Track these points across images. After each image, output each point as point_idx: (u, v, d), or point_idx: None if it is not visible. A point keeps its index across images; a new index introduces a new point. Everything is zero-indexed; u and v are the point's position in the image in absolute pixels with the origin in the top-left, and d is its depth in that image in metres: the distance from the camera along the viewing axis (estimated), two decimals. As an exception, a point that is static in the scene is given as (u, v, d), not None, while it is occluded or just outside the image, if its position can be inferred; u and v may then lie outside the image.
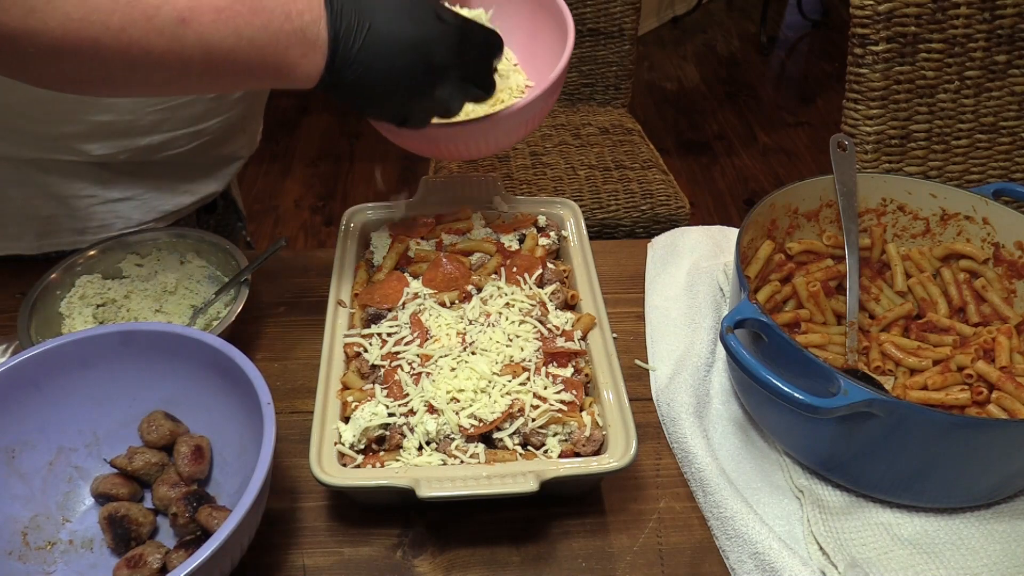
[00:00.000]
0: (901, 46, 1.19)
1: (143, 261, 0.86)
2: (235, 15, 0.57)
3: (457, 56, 0.65)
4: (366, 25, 0.61)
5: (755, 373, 0.60)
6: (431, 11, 0.64)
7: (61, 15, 0.52)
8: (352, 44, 0.61)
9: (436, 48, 0.63)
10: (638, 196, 1.75)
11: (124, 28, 0.54)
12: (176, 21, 0.55)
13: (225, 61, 0.58)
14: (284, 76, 0.61)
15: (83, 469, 0.67)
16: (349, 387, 0.69)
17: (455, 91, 0.67)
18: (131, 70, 0.56)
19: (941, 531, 0.64)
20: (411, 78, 0.63)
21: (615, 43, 1.97)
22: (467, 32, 0.66)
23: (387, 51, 0.62)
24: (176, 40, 0.55)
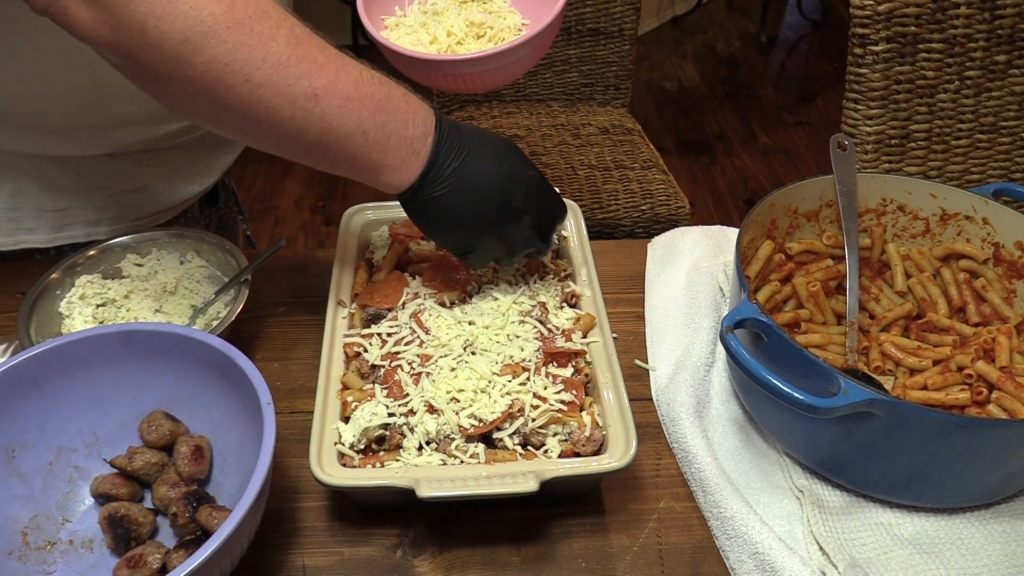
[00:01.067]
0: (901, 46, 1.19)
1: (143, 261, 0.86)
2: (361, 107, 0.60)
3: (533, 204, 0.69)
4: (464, 152, 0.65)
5: (755, 373, 0.60)
6: (521, 158, 0.69)
7: (210, 55, 0.55)
8: (447, 164, 0.65)
9: (517, 191, 0.67)
10: (638, 196, 1.75)
11: (261, 86, 0.56)
12: (309, 96, 0.58)
13: (336, 144, 0.61)
14: (380, 174, 0.64)
15: (83, 469, 0.67)
16: (349, 387, 0.69)
17: (522, 237, 0.70)
18: (248, 121, 0.59)
19: (941, 531, 0.64)
20: (488, 210, 0.67)
21: (615, 43, 1.97)
22: (545, 187, 0.71)
23: (475, 179, 0.65)
24: (302, 112, 0.58)
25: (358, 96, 0.60)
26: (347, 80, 0.60)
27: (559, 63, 2.02)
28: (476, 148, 0.66)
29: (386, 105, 0.62)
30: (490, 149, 0.67)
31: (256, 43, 0.56)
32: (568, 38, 1.97)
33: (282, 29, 0.57)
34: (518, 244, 0.71)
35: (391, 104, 0.62)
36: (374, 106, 0.61)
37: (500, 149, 0.68)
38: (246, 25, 0.55)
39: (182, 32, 0.54)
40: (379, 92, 0.62)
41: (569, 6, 1.93)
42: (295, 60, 0.57)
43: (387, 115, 0.62)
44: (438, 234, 0.70)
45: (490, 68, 0.80)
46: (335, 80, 0.59)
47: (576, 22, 1.94)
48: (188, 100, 0.58)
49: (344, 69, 0.60)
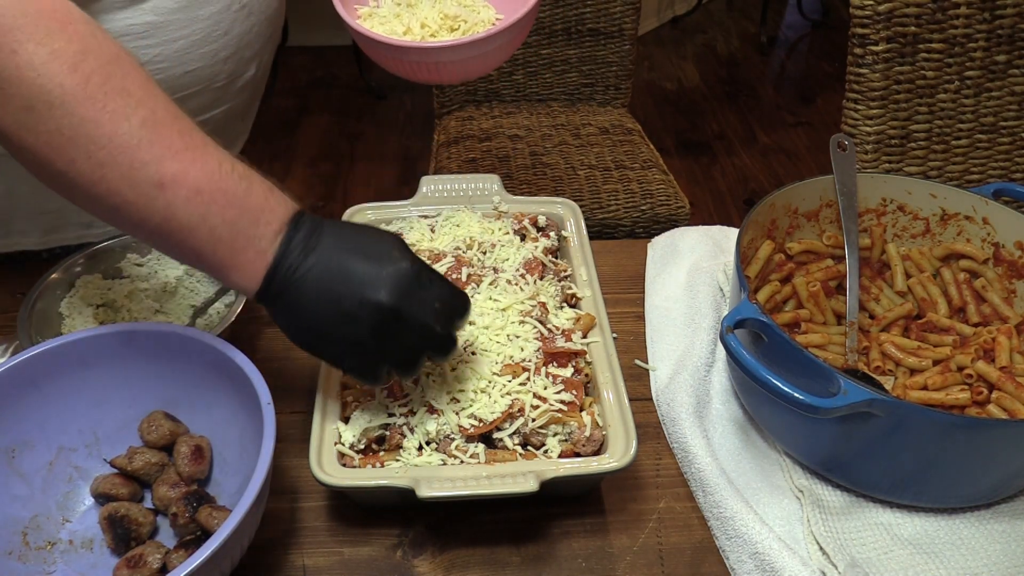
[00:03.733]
0: (901, 46, 1.19)
1: (143, 261, 0.86)
2: (211, 201, 0.55)
3: (406, 300, 0.57)
4: (314, 243, 0.58)
5: (755, 373, 0.60)
6: (394, 248, 0.59)
7: (54, 126, 0.52)
8: (293, 260, 0.57)
9: (381, 284, 0.57)
10: (638, 196, 1.75)
11: (104, 165, 0.53)
12: (155, 183, 0.54)
13: (179, 236, 0.56)
14: (227, 273, 0.58)
15: (83, 469, 0.67)
16: (349, 387, 0.69)
17: (402, 343, 0.59)
18: (89, 199, 0.55)
19: (941, 531, 0.64)
20: (345, 308, 0.57)
21: (615, 43, 1.97)
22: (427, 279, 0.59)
23: (323, 272, 0.57)
24: (144, 199, 0.54)
25: (209, 189, 0.55)
26: (201, 171, 0.55)
27: (559, 63, 2.02)
28: (330, 240, 0.58)
29: (242, 202, 0.56)
30: (350, 240, 0.59)
31: (106, 120, 0.52)
32: (568, 38, 1.97)
33: (141, 109, 0.54)
34: (403, 349, 0.59)
35: (248, 201, 0.57)
36: (225, 201, 0.56)
37: (365, 240, 0.60)
38: (99, 101, 0.52)
39: (26, 99, 0.51)
40: (236, 187, 0.56)
41: (569, 6, 1.93)
42: (147, 143, 0.53)
43: (239, 212, 0.56)
44: (302, 342, 0.61)
45: (465, 57, 0.80)
46: (187, 169, 0.55)
47: (576, 22, 1.95)
48: (36, 166, 0.55)
49: (202, 159, 0.55)
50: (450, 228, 0.85)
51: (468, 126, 1.96)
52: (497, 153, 1.85)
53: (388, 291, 0.57)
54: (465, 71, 0.83)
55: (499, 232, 0.84)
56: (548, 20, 1.94)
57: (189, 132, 0.56)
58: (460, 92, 2.04)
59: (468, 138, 1.92)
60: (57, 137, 0.52)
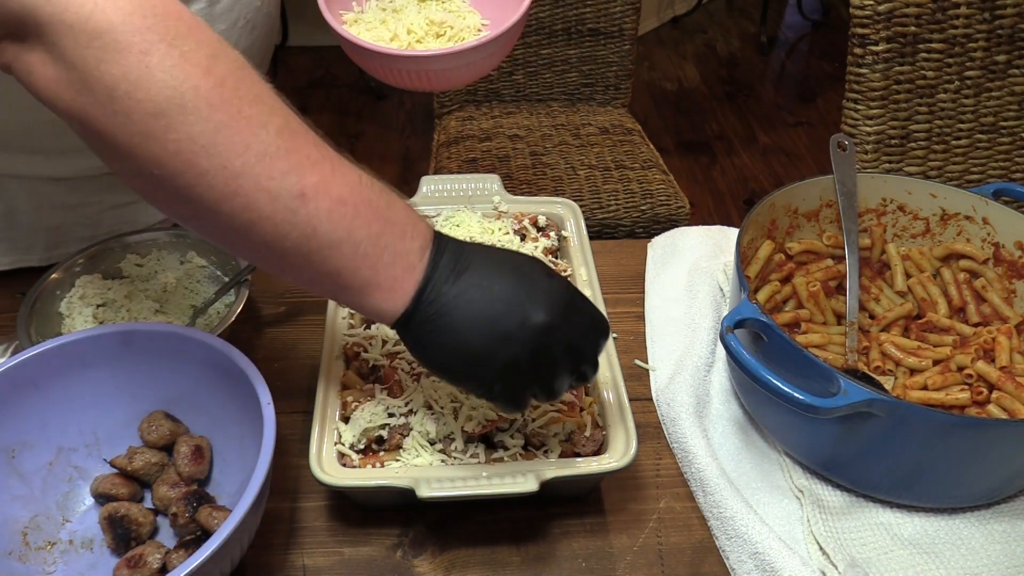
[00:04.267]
0: (901, 46, 1.19)
1: (143, 261, 0.86)
2: (356, 214, 0.52)
3: (562, 319, 0.55)
4: (464, 265, 0.54)
5: (755, 373, 0.60)
6: (542, 268, 0.57)
7: (186, 133, 0.47)
8: (445, 279, 0.54)
9: (538, 304, 0.54)
10: (638, 196, 1.75)
11: (240, 175, 0.49)
12: (295, 194, 0.50)
13: (320, 254, 0.52)
14: (369, 294, 0.54)
15: (83, 469, 0.67)
16: (349, 387, 0.69)
17: (556, 360, 0.56)
18: (219, 216, 0.50)
19: (941, 531, 0.64)
20: (500, 329, 0.53)
21: (615, 43, 1.97)
22: (576, 299, 0.57)
23: (480, 292, 0.54)
24: (284, 212, 0.50)
25: (353, 201, 0.52)
26: (343, 182, 0.52)
27: (559, 63, 2.02)
28: (480, 259, 0.55)
29: (385, 215, 0.53)
30: (499, 259, 0.56)
31: (243, 127, 0.48)
32: (568, 38, 1.97)
33: (275, 117, 0.50)
34: (556, 371, 0.56)
35: (392, 214, 0.54)
36: (370, 214, 0.52)
37: (512, 259, 0.57)
38: (234, 106, 0.48)
39: (157, 104, 0.46)
40: (379, 200, 0.53)
41: (569, 6, 1.93)
42: (285, 152, 0.49)
43: (384, 225, 0.53)
44: (445, 369, 0.57)
45: (455, 66, 0.79)
46: (329, 180, 0.51)
47: (576, 22, 1.95)
48: (155, 184, 0.49)
49: (340, 170, 0.52)
50: (450, 228, 0.85)
51: (468, 126, 1.96)
52: (497, 153, 1.85)
53: (548, 311, 0.54)
54: (454, 79, 0.82)
55: (499, 232, 0.84)
56: (548, 20, 1.94)
57: (322, 144, 0.53)
58: (460, 92, 2.04)
59: (468, 138, 1.92)
60: (189, 146, 0.47)
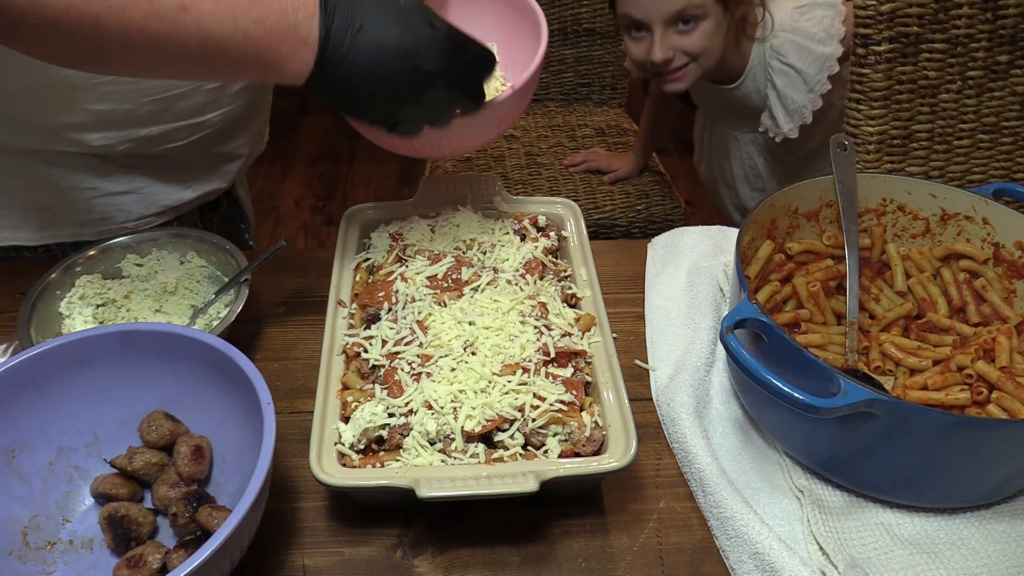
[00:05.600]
0: (903, 46, 1.18)
1: (143, 261, 0.86)
2: (234, 6, 0.58)
3: (447, 64, 0.65)
4: (357, 25, 0.62)
5: (755, 373, 0.60)
6: (424, 18, 0.65)
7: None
8: (342, 44, 0.62)
9: (425, 53, 0.64)
10: (633, 196, 1.75)
11: (126, 8, 0.55)
12: (176, 7, 0.56)
13: (219, 50, 0.59)
14: (275, 70, 0.62)
15: (83, 469, 0.67)
16: (349, 387, 0.69)
17: (444, 99, 0.67)
18: (127, 50, 0.57)
19: (941, 531, 0.64)
20: (399, 81, 0.64)
21: (611, 43, 1.97)
22: (458, 42, 0.67)
23: (376, 52, 0.62)
24: (174, 25, 0.57)
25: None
26: None
27: (555, 63, 2.02)
28: (371, 18, 0.63)
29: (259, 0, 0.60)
30: (388, 15, 0.63)
31: None
32: (564, 38, 1.97)
33: None
34: (443, 105, 0.68)
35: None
36: (246, 3, 0.59)
37: (400, 13, 0.64)
38: None
39: None
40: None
41: (564, 6, 1.93)
42: None
43: (263, 8, 0.60)
44: (355, 112, 0.68)
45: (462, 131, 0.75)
46: None
47: (572, 22, 1.95)
48: (66, 46, 0.57)
49: None
50: (450, 228, 0.85)
51: (467, 126, 1.96)
52: (492, 153, 1.85)
53: (434, 59, 0.64)
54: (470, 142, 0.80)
55: (499, 232, 0.84)
56: (546, 20, 1.94)
57: None
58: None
59: (466, 138, 1.91)
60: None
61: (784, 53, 1.32)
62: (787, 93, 1.34)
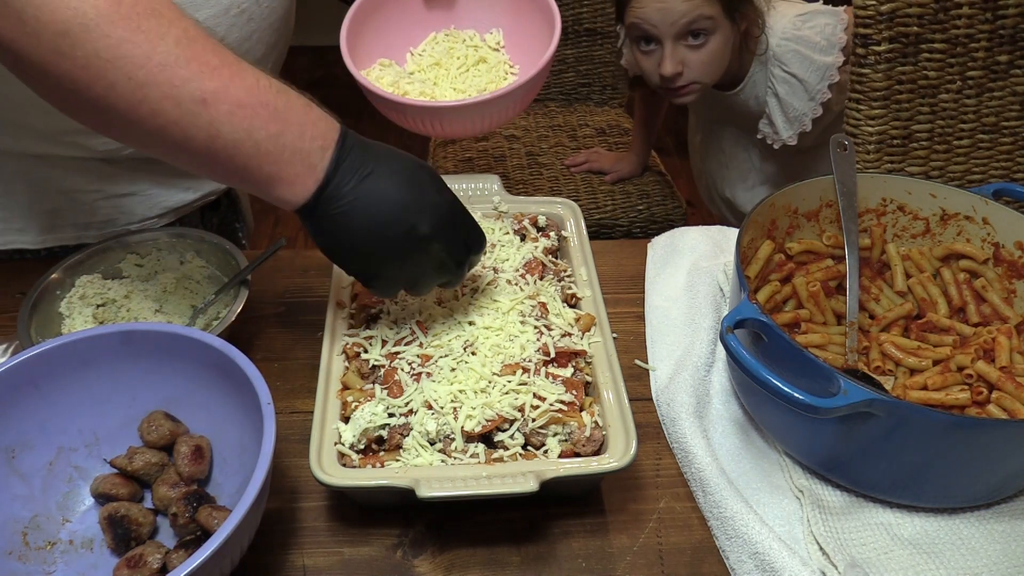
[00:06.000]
0: (903, 46, 1.18)
1: (143, 261, 0.86)
2: (254, 115, 0.57)
3: (442, 232, 0.63)
4: (367, 170, 0.61)
5: (755, 373, 0.60)
6: (433, 182, 0.64)
7: (91, 49, 0.52)
8: (347, 182, 0.60)
9: (424, 217, 0.62)
10: (634, 196, 1.75)
11: (145, 85, 0.54)
12: (197, 99, 0.55)
13: (224, 153, 0.57)
14: (271, 188, 0.60)
15: (83, 469, 0.67)
16: (349, 387, 0.69)
17: (429, 266, 0.65)
18: (131, 124, 0.56)
19: (941, 531, 0.64)
20: (390, 234, 0.62)
21: (612, 43, 1.97)
22: (458, 214, 0.66)
23: (377, 200, 0.61)
24: (188, 116, 0.55)
25: (251, 103, 0.57)
26: (240, 86, 0.57)
27: (556, 63, 2.01)
28: (382, 168, 0.62)
29: (283, 115, 0.58)
30: (399, 169, 0.62)
31: (142, 40, 0.53)
32: (565, 38, 1.97)
33: (174, 28, 0.55)
34: (427, 274, 0.66)
35: (288, 115, 0.59)
36: (267, 115, 0.57)
37: (411, 171, 0.63)
38: (132, 21, 0.53)
39: (62, 23, 0.51)
40: (276, 101, 0.58)
41: (565, 6, 1.93)
42: (184, 61, 0.54)
43: (282, 125, 0.58)
44: (337, 256, 0.65)
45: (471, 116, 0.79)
46: (227, 85, 0.56)
47: (573, 22, 1.95)
48: (69, 97, 0.55)
49: (239, 75, 0.57)
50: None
51: (467, 126, 1.96)
52: (493, 153, 1.86)
53: (431, 224, 0.62)
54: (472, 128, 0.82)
55: (499, 232, 0.84)
56: (545, 20, 1.94)
57: (222, 50, 0.57)
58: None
59: (465, 138, 1.92)
60: (95, 60, 0.52)
61: (786, 61, 1.33)
62: (788, 101, 1.35)
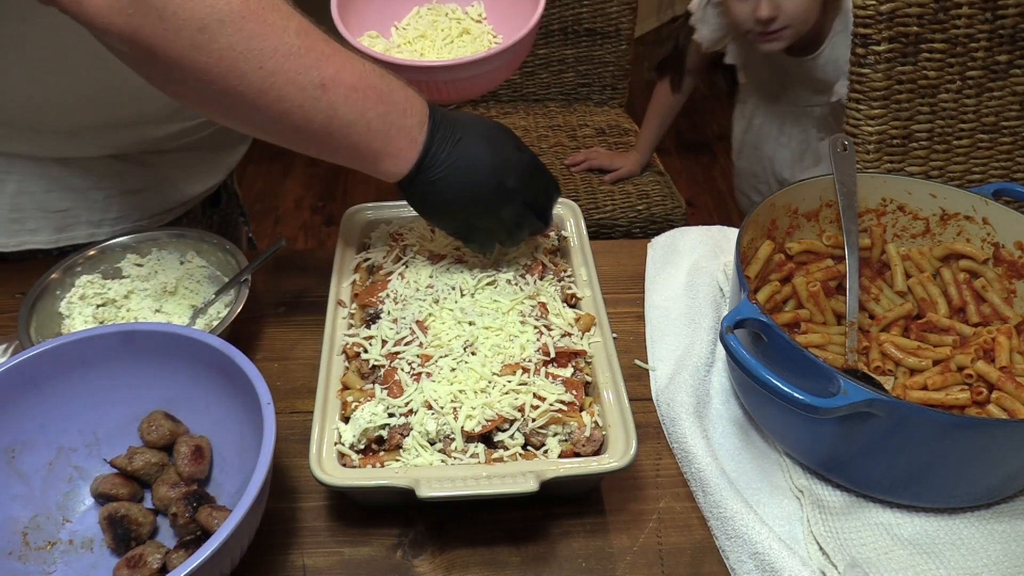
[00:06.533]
0: (903, 46, 1.18)
1: (143, 261, 0.86)
2: (365, 97, 0.63)
3: (527, 185, 0.71)
4: (457, 137, 0.68)
5: (755, 373, 0.60)
6: (512, 141, 0.72)
7: (226, 42, 0.57)
8: (441, 150, 0.68)
9: (510, 173, 0.70)
10: (634, 197, 1.75)
11: (273, 73, 0.59)
12: (317, 85, 0.61)
13: (340, 132, 0.64)
14: (377, 161, 0.67)
15: (83, 469, 0.67)
16: (349, 387, 0.69)
17: (519, 217, 0.73)
18: (256, 110, 0.61)
19: (941, 531, 0.64)
20: (483, 192, 0.69)
21: (611, 43, 1.97)
22: (538, 167, 0.74)
23: (468, 164, 0.68)
24: (309, 100, 0.61)
25: (362, 86, 0.63)
26: (352, 71, 0.63)
27: (556, 63, 2.02)
28: (468, 134, 0.69)
29: (387, 96, 0.65)
30: (483, 134, 0.70)
31: (269, 32, 0.58)
32: (565, 38, 1.97)
33: (292, 21, 0.60)
34: (517, 224, 0.73)
35: (392, 95, 0.65)
36: (376, 96, 0.64)
37: (492, 133, 0.70)
38: (260, 15, 0.58)
39: (201, 19, 0.55)
40: (380, 83, 0.64)
41: (565, 6, 1.93)
42: (304, 50, 0.60)
43: (388, 105, 0.65)
44: (438, 218, 0.73)
45: (461, 77, 0.81)
46: (341, 71, 0.62)
47: (573, 22, 1.95)
48: (199, 89, 0.60)
49: (349, 61, 0.63)
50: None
51: (467, 126, 1.96)
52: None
53: (517, 178, 0.70)
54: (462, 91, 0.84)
55: (499, 232, 0.84)
56: (544, 20, 1.93)
57: (329, 39, 0.63)
58: (458, 92, 2.04)
59: (467, 138, 1.92)
60: (230, 53, 0.57)
61: None
62: None
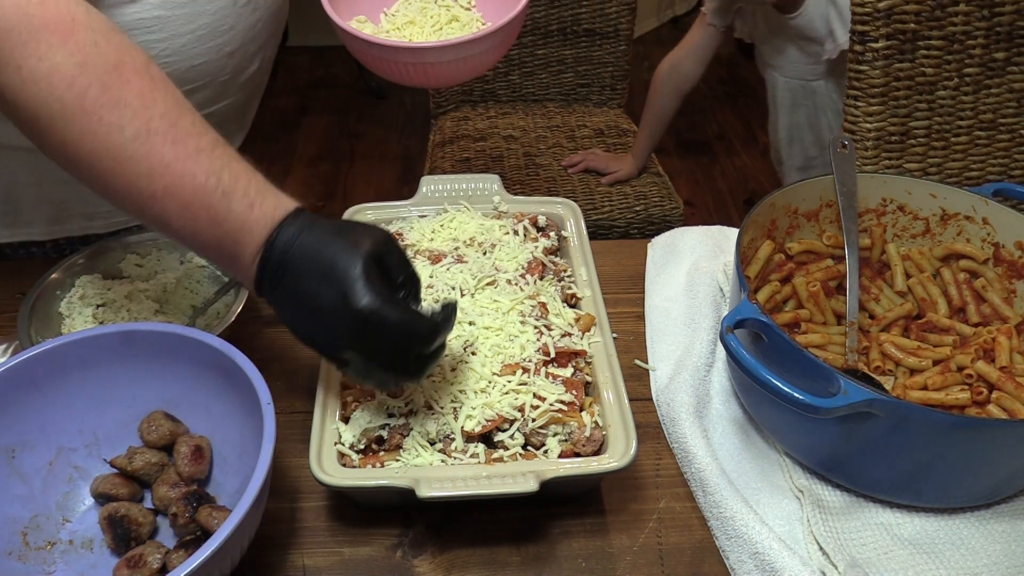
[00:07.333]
0: (901, 43, 1.19)
1: (143, 261, 0.86)
2: (196, 219, 0.58)
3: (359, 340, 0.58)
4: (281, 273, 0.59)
5: (755, 373, 0.60)
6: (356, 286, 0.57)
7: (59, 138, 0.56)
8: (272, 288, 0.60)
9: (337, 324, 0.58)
10: (631, 197, 1.75)
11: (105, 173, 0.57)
12: (147, 195, 0.58)
13: (177, 237, 0.61)
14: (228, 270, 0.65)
15: (83, 469, 0.67)
16: (349, 387, 0.69)
17: (365, 370, 0.61)
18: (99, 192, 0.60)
19: (941, 531, 0.64)
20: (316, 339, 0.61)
21: (611, 43, 1.97)
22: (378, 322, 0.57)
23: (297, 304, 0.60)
24: (144, 206, 0.59)
25: (195, 207, 0.58)
26: (189, 187, 0.57)
27: (555, 63, 2.02)
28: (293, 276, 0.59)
29: (222, 223, 0.58)
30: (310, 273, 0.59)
31: (103, 134, 0.56)
32: (564, 38, 1.97)
33: (136, 121, 0.56)
34: (362, 376, 0.62)
35: (228, 223, 0.58)
36: (209, 221, 0.58)
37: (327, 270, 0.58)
38: (95, 115, 0.55)
39: (32, 112, 0.55)
40: (219, 205, 0.58)
41: (564, 6, 1.93)
42: (138, 157, 0.56)
43: (221, 233, 0.59)
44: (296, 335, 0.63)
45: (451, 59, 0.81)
46: (177, 184, 0.57)
47: (572, 22, 1.95)
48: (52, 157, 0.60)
49: (191, 172, 0.57)
50: (450, 228, 0.85)
51: (464, 126, 1.96)
52: (491, 153, 1.86)
53: (349, 333, 0.58)
54: (450, 74, 0.84)
55: (499, 232, 0.84)
56: (543, 20, 1.94)
57: (183, 140, 0.58)
58: (456, 92, 2.04)
59: (463, 138, 1.92)
60: (62, 148, 0.57)
61: None
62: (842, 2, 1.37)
